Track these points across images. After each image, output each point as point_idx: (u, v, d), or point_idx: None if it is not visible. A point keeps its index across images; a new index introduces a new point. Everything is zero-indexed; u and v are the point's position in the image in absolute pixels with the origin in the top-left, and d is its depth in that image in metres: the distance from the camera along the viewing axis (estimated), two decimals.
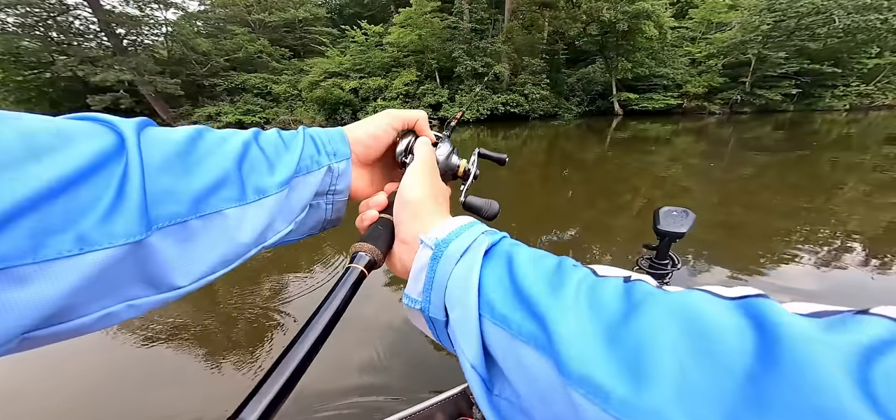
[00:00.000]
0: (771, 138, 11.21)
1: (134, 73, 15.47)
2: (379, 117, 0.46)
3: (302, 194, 0.38)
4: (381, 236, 0.37)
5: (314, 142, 0.41)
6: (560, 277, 0.25)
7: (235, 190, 0.30)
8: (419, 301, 0.30)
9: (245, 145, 0.33)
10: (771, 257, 3.33)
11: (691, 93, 18.91)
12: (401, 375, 2.13)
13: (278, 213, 0.35)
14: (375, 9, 25.23)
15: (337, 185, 0.42)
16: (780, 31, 16.94)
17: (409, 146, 0.46)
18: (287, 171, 0.36)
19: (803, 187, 5.78)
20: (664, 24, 17.11)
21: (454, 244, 0.29)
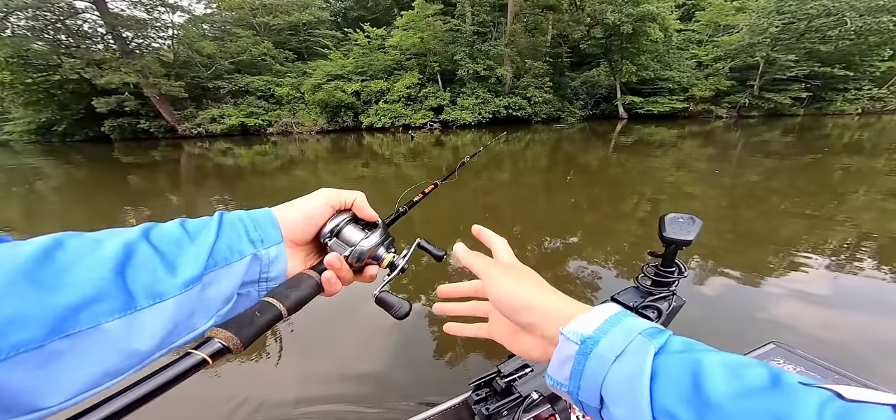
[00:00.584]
0: (780, 143, 11.01)
1: (139, 75, 15.72)
2: (314, 197, 0.45)
3: (223, 287, 0.36)
4: (252, 322, 0.34)
5: (235, 228, 0.38)
6: (784, 397, 0.22)
7: (117, 300, 0.28)
8: (566, 385, 0.31)
9: (127, 247, 0.30)
10: (777, 264, 3.26)
11: (698, 96, 18.71)
12: (402, 384, 2.12)
13: (191, 312, 0.33)
14: (379, 12, 25.42)
15: (269, 272, 0.40)
16: (789, 33, 16.72)
17: (338, 228, 0.45)
18: (194, 267, 0.33)
19: (813, 193, 5.66)
20: (669, 27, 16.99)
21: (605, 342, 0.29)
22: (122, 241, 0.31)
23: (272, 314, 0.36)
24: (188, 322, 0.33)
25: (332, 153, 12.52)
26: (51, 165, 12.04)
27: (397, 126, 17.42)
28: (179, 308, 0.31)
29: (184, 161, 12.13)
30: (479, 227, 0.46)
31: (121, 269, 0.29)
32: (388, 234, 0.49)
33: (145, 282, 0.30)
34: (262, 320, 0.35)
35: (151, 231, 0.33)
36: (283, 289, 0.39)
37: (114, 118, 17.02)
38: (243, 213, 0.40)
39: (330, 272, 0.42)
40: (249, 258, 0.38)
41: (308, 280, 0.41)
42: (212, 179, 8.93)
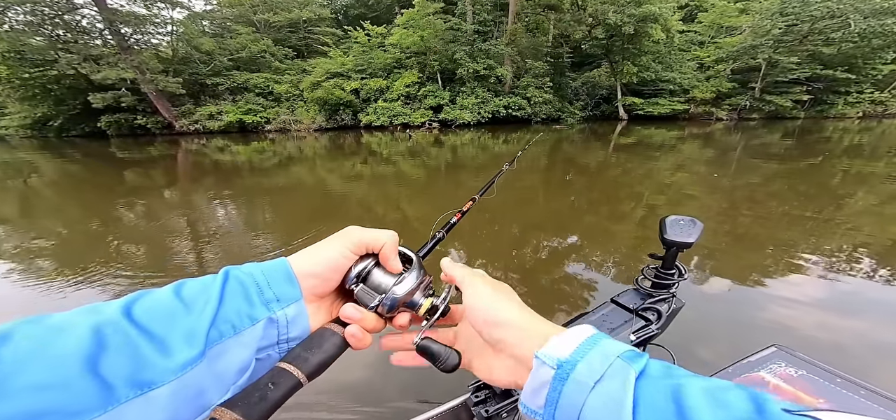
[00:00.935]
0: (780, 146, 11.00)
1: (136, 71, 15.64)
2: (337, 242, 0.39)
3: (235, 358, 0.31)
4: (265, 397, 0.29)
5: (244, 289, 0.33)
6: (763, 415, 0.22)
7: (91, 397, 0.23)
8: (540, 414, 0.30)
9: (98, 334, 0.25)
10: (777, 267, 3.27)
11: (698, 98, 18.73)
12: (401, 385, 2.11)
13: (198, 392, 0.28)
14: (380, 10, 25.38)
15: (289, 333, 0.35)
16: (792, 35, 16.71)
17: (365, 272, 0.40)
18: (193, 344, 0.28)
19: (812, 197, 5.69)
20: (672, 28, 16.99)
21: (582, 366, 0.28)
22: (91, 326, 0.25)
23: (288, 384, 0.31)
24: (197, 402, 0.28)
25: (331, 151, 12.49)
26: (45, 160, 11.94)
27: (396, 125, 17.35)
28: (180, 392, 0.27)
29: (181, 157, 12.07)
30: (446, 264, 0.42)
31: (92, 362, 0.24)
32: (424, 272, 0.42)
33: (127, 370, 0.25)
34: (277, 394, 0.30)
35: (135, 305, 0.28)
36: (301, 351, 0.34)
37: (110, 114, 16.94)
38: (253, 268, 0.35)
39: (355, 326, 0.37)
40: (264, 323, 0.33)
41: (331, 338, 0.36)
42: (209, 176, 8.87)
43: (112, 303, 0.28)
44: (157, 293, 0.30)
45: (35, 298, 3.04)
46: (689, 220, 1.27)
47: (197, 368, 0.28)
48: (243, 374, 0.32)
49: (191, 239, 4.42)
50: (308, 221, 5.08)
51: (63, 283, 3.22)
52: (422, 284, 0.41)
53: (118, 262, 3.54)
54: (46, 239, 4.46)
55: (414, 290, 0.40)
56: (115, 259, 3.64)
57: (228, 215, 5.48)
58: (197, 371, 0.28)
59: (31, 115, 18.35)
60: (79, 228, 4.92)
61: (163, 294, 0.30)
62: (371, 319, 0.38)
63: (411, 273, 0.40)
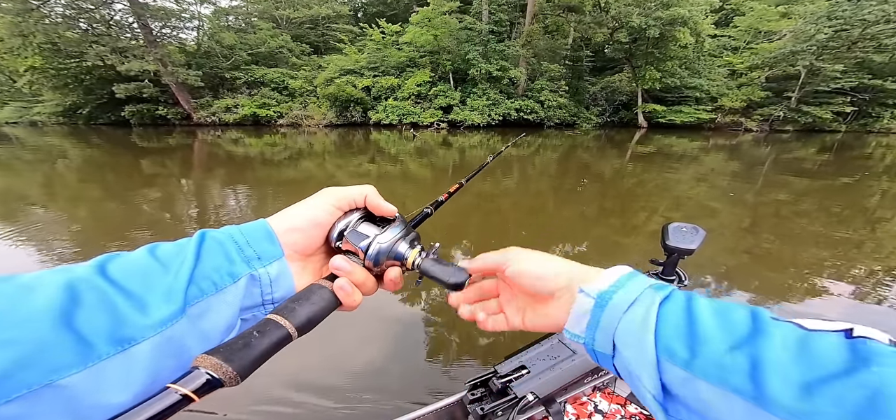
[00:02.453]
0: (814, 161, 10.20)
1: (158, 64, 16.27)
2: (319, 198, 0.40)
3: (218, 317, 0.32)
4: (249, 345, 0.28)
5: (223, 248, 0.33)
6: (756, 326, 0.28)
7: (69, 352, 0.23)
8: (582, 338, 0.35)
9: (71, 290, 0.25)
10: (799, 289, 3.16)
11: (727, 106, 17.63)
12: (397, 382, 2.16)
13: (180, 349, 0.29)
14: (398, 8, 25.45)
15: (274, 293, 0.35)
16: (839, 40, 15.31)
17: (349, 227, 0.40)
18: (171, 301, 0.29)
19: (845, 217, 5.34)
20: (702, 32, 16.02)
21: (618, 295, 0.33)
22: (61, 282, 0.25)
23: (277, 335, 0.30)
24: (181, 359, 0.28)
25: (339, 147, 12.63)
26: (73, 145, 12.75)
27: (405, 124, 17.26)
28: (161, 349, 0.27)
29: (197, 148, 12.56)
30: (480, 258, 0.43)
31: (66, 317, 0.24)
32: (409, 227, 0.43)
33: (106, 327, 0.25)
34: (264, 343, 0.29)
35: (109, 264, 0.28)
36: (290, 303, 0.33)
37: (134, 104, 17.75)
38: (232, 229, 0.35)
39: (343, 279, 0.37)
40: (245, 279, 0.33)
41: (320, 291, 0.35)
42: (223, 166, 9.28)
43: (83, 263, 0.28)
44: (131, 254, 0.30)
45: None
46: (692, 227, 1.27)
47: (177, 325, 0.28)
48: (228, 333, 0.32)
49: (201, 226, 4.59)
50: None
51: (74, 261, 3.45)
52: (407, 235, 0.41)
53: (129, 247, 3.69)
54: (63, 219, 4.80)
55: (398, 238, 0.40)
56: (127, 244, 3.82)
57: (240, 206, 5.67)
58: (178, 327, 0.28)
59: (62, 103, 19.50)
60: (96, 212, 5.31)
61: (136, 254, 0.30)
62: (360, 273, 0.38)
63: (394, 225, 0.41)
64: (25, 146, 12.66)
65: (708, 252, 3.95)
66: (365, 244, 0.38)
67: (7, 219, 4.84)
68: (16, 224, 4.58)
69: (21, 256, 3.65)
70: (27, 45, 15.61)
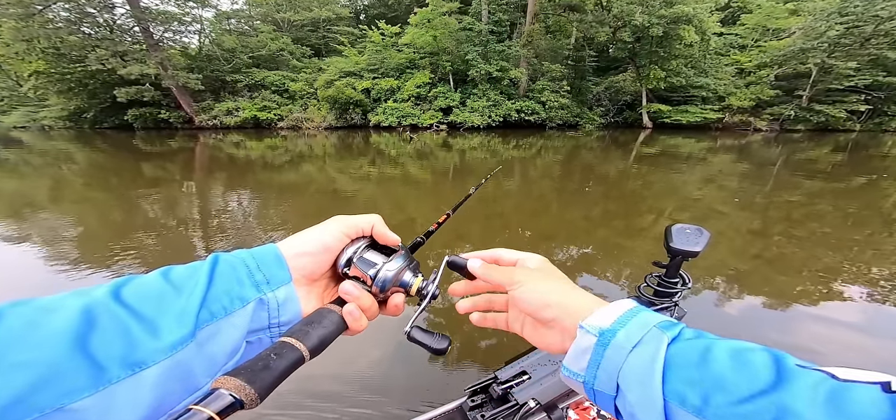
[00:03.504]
0: (827, 161, 9.99)
1: (158, 67, 16.41)
2: (330, 226, 0.41)
3: (225, 340, 0.32)
4: (268, 367, 0.30)
5: (234, 271, 0.34)
6: (780, 373, 0.25)
7: (82, 376, 0.24)
8: (581, 376, 0.34)
9: (87, 314, 0.26)
10: (813, 293, 3.10)
11: (735, 106, 17.37)
12: (398, 388, 2.17)
13: (187, 373, 0.29)
14: (400, 10, 25.58)
15: (280, 317, 0.36)
16: (852, 37, 14.99)
17: (357, 254, 0.42)
18: (182, 325, 0.29)
19: (861, 219, 5.23)
20: (707, 30, 15.81)
21: (622, 334, 0.32)
22: (80, 306, 0.26)
23: (292, 357, 0.32)
24: (186, 383, 0.29)
25: (339, 150, 12.65)
26: (78, 150, 12.94)
27: (405, 126, 17.22)
28: (169, 372, 0.28)
29: (199, 151, 12.66)
30: (496, 251, 0.45)
31: (81, 341, 0.25)
32: (412, 257, 0.46)
33: (118, 350, 0.26)
34: (281, 365, 0.31)
35: (123, 288, 0.29)
36: (302, 326, 0.35)
37: (137, 108, 17.95)
38: (244, 253, 0.36)
39: (352, 305, 0.39)
40: (254, 304, 0.34)
41: (330, 315, 0.37)
42: (224, 170, 9.36)
43: (99, 286, 0.29)
44: (145, 277, 0.31)
45: (51, 281, 3.26)
46: (696, 228, 1.27)
47: (187, 349, 0.29)
48: (233, 356, 0.33)
49: (203, 232, 4.72)
50: (317, 220, 5.30)
51: (81, 269, 3.47)
52: (410, 265, 0.44)
53: (131, 252, 3.72)
54: (68, 223, 4.83)
55: (404, 268, 0.43)
56: (128, 249, 3.78)
57: (242, 210, 5.66)
58: (187, 352, 0.29)
59: (67, 107, 19.76)
60: (99, 216, 5.26)
61: (150, 278, 0.31)
62: (367, 299, 0.40)
63: (399, 255, 0.43)
64: (33, 151, 12.89)
65: (717, 255, 3.82)
66: (373, 272, 0.40)
67: (15, 221, 4.88)
68: (23, 227, 4.64)
69: (29, 260, 3.68)
70: (31, 50, 15.87)
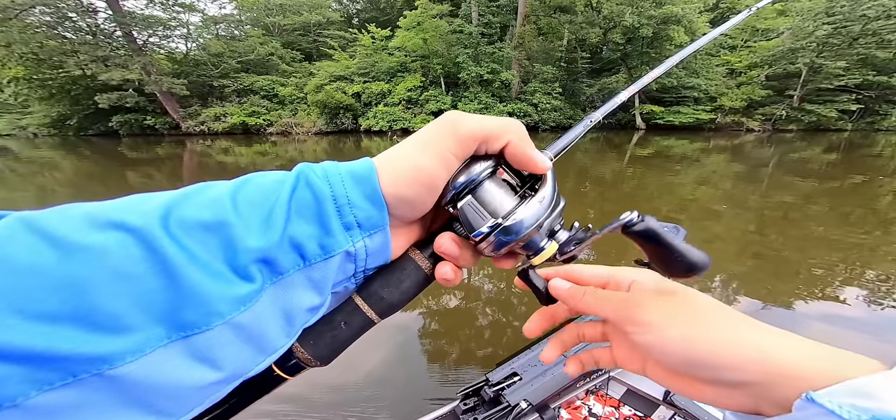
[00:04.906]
0: (820, 161, 10.18)
1: (142, 72, 16.22)
2: (441, 143, 0.28)
3: (304, 297, 0.26)
4: (335, 337, 0.29)
5: (319, 206, 0.25)
6: None
7: (120, 339, 0.19)
8: None
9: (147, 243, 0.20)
10: (810, 293, 3.11)
11: (727, 106, 17.64)
12: (391, 392, 2.17)
13: (257, 333, 0.23)
14: (393, 14, 25.73)
15: (368, 265, 0.29)
16: (840, 36, 15.26)
17: (474, 184, 0.29)
18: (245, 279, 0.22)
19: (856, 219, 5.30)
20: (697, 31, 16.10)
21: None
22: (121, 238, 0.20)
23: (360, 323, 0.29)
24: (257, 342, 0.24)
25: (331, 154, 12.60)
26: (63, 157, 12.77)
27: (396, 129, 17.23)
28: (229, 338, 0.22)
29: (186, 158, 12.55)
30: (571, 268, 0.33)
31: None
32: (558, 196, 0.31)
33: (162, 304, 0.20)
34: (348, 333, 0.29)
35: (175, 211, 0.22)
36: (379, 287, 0.29)
37: (122, 114, 17.73)
38: (332, 173, 0.26)
39: (447, 266, 0.30)
40: (340, 257, 0.26)
41: (415, 274, 0.30)
42: (213, 176, 9.00)
43: (153, 198, 0.22)
44: (210, 192, 0.24)
45: None
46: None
47: (254, 308, 0.23)
48: (315, 313, 0.27)
49: None
50: None
51: None
52: (554, 213, 0.30)
53: None
54: None
55: (539, 224, 0.29)
56: None
57: None
58: (254, 312, 0.23)
59: (49, 114, 19.46)
60: None
61: (217, 195, 0.24)
62: (468, 257, 0.31)
63: (542, 193, 0.29)
64: (20, 159, 12.70)
65: (713, 256, 3.91)
66: (491, 225, 0.28)
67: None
68: None
69: None
70: (10, 56, 15.60)
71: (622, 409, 1.33)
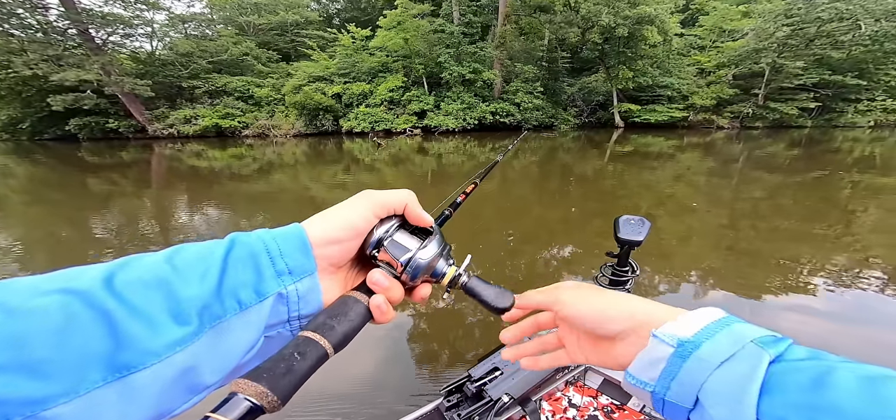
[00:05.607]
0: (785, 156, 10.77)
1: (100, 73, 15.30)
2: (358, 205, 0.37)
3: (240, 338, 0.29)
4: (291, 369, 0.27)
5: (252, 260, 0.30)
6: None
7: (55, 380, 0.21)
8: (651, 385, 0.31)
9: (65, 310, 0.22)
10: (780, 284, 3.27)
11: (698, 105, 18.47)
12: (374, 393, 2.17)
13: (191, 373, 0.26)
14: (374, 14, 25.48)
15: (301, 310, 0.33)
16: (798, 38, 16.30)
17: (387, 236, 0.38)
18: (185, 322, 0.26)
19: (820, 211, 5.61)
20: (669, 31, 16.76)
21: (708, 347, 0.29)
22: (58, 302, 0.22)
23: (315, 355, 0.29)
24: (190, 384, 0.26)
25: (311, 157, 12.34)
26: (17, 164, 11.91)
27: (378, 131, 17.06)
28: (167, 376, 0.24)
29: (155, 162, 11.95)
30: (526, 295, 0.42)
31: (60, 339, 0.22)
32: (445, 241, 0.41)
33: (103, 350, 0.22)
34: (304, 365, 0.28)
35: (118, 275, 0.25)
36: (326, 319, 0.32)
37: (80, 117, 16.72)
38: (265, 235, 0.32)
39: (380, 297, 0.35)
40: (273, 299, 0.30)
41: (355, 306, 0.34)
42: (184, 181, 8.84)
43: (92, 269, 0.25)
44: (147, 259, 0.27)
45: None
46: (638, 219, 1.40)
47: (190, 349, 0.25)
48: (248, 353, 0.30)
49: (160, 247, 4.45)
50: None
51: None
52: (445, 250, 0.40)
53: None
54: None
55: (438, 255, 0.39)
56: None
57: (208, 223, 5.46)
58: (190, 352, 0.25)
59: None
60: (41, 239, 4.85)
61: (153, 261, 0.27)
62: (397, 291, 0.37)
63: (433, 239, 0.39)
64: None
65: (689, 250, 4.04)
66: (406, 258, 0.37)
67: None
68: None
69: None
70: None
71: (600, 399, 1.40)
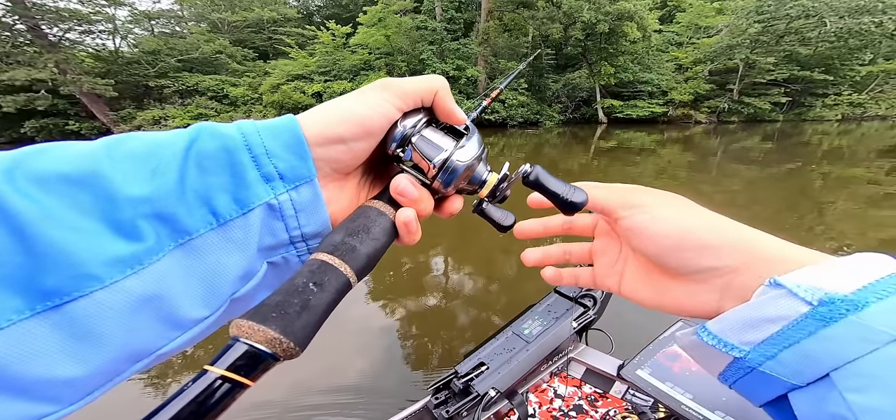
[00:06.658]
0: (759, 150, 11.29)
1: (55, 71, 14.41)
2: (375, 94, 0.28)
3: (226, 262, 0.22)
4: (306, 305, 0.21)
5: (228, 156, 0.22)
6: None
7: None
8: (743, 350, 0.22)
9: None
10: None
11: (677, 100, 19.14)
12: (363, 392, 2.16)
13: (157, 302, 0.20)
14: (355, 11, 25.14)
15: (302, 227, 0.26)
16: (768, 35, 17.04)
17: (414, 132, 0.30)
18: (129, 238, 0.19)
19: (793, 202, 5.81)
20: (648, 27, 17.20)
21: (878, 310, 0.19)
22: None
23: (336, 285, 0.23)
24: (161, 314, 0.20)
25: None
26: None
27: None
28: (115, 306, 0.18)
29: None
30: (591, 189, 0.33)
31: None
32: (483, 143, 0.34)
33: (10, 270, 0.17)
34: (323, 299, 0.22)
35: (24, 164, 0.18)
36: (345, 237, 0.25)
37: (36, 118, 15.75)
38: (245, 125, 0.24)
39: (410, 210, 0.28)
40: (261, 211, 0.23)
41: (379, 220, 0.28)
42: None
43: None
44: (72, 147, 0.20)
45: None
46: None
47: (148, 273, 0.19)
48: (244, 282, 0.24)
49: None
50: None
51: None
52: (484, 153, 0.33)
53: None
54: None
55: (478, 157, 0.31)
56: None
57: None
58: (150, 277, 0.19)
59: None
60: None
61: (80, 149, 0.20)
62: (427, 201, 0.30)
63: (470, 137, 0.31)
64: None
65: None
66: (441, 158, 0.29)
67: None
68: None
69: None
70: None
71: (584, 388, 1.41)
